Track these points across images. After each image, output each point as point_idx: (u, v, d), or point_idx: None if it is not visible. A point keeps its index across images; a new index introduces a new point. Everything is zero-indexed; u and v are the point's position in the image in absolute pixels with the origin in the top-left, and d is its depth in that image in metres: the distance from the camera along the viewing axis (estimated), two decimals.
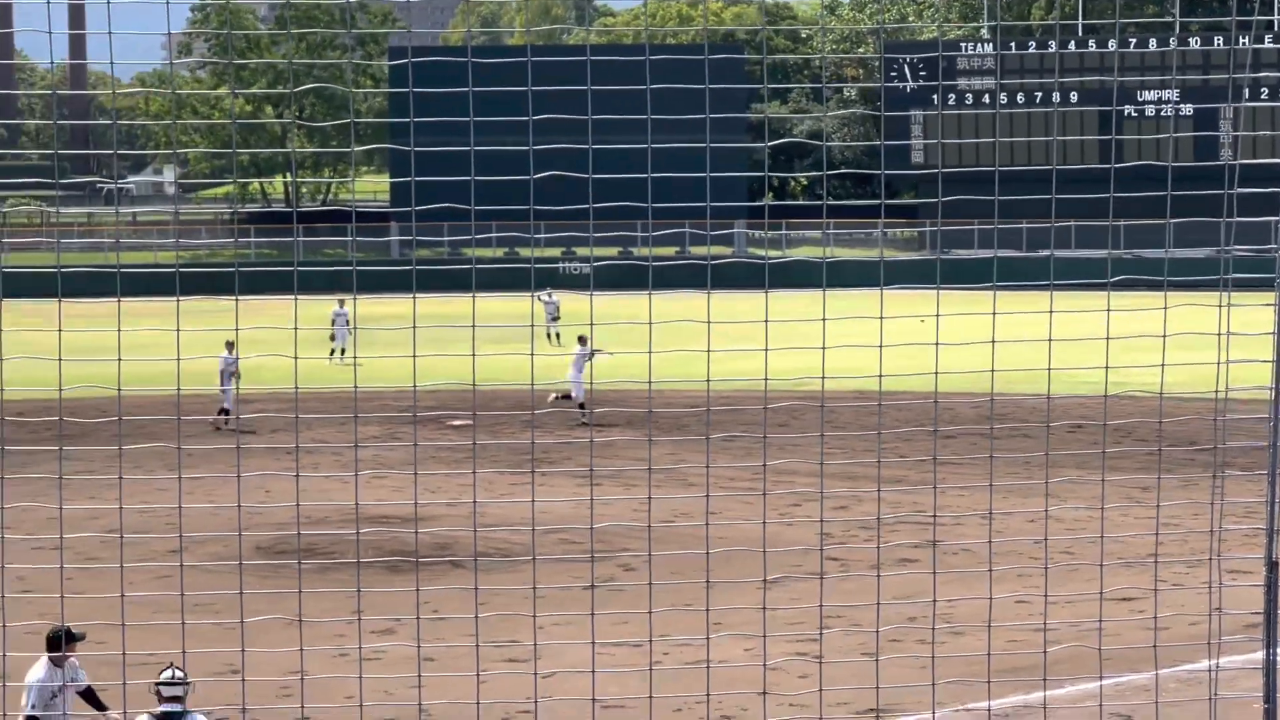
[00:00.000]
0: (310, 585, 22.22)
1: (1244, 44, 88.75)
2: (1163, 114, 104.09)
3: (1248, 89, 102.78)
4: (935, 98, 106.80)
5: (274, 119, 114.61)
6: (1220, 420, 15.65)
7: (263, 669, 15.52)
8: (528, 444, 37.55)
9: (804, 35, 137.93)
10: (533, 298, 41.53)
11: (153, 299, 14.60)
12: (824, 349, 13.18)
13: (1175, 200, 14.08)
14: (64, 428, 15.60)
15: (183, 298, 13.92)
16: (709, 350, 13.27)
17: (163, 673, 15.23)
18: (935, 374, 13.33)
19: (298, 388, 13.89)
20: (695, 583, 15.33)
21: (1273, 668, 14.65)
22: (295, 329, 13.34)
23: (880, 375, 13.85)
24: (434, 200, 15.20)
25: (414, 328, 13.06)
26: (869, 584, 16.32)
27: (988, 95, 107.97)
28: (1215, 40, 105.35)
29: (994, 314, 13.57)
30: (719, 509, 27.45)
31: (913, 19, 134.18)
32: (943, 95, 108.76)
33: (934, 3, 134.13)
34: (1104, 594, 15.29)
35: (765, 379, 13.95)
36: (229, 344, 44.07)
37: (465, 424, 43.34)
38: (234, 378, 44.71)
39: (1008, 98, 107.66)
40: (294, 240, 44.84)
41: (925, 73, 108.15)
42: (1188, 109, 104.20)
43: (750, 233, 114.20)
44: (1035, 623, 18.30)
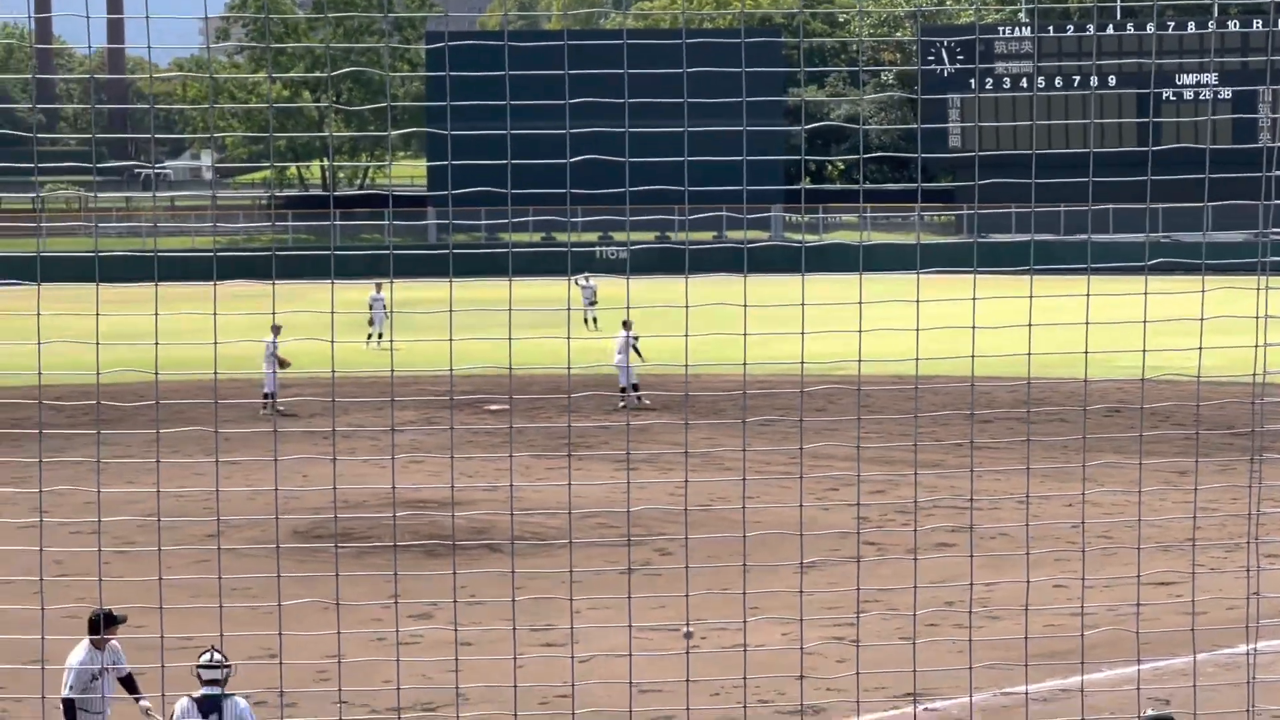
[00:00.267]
0: (347, 569, 22.30)
1: None
2: (1201, 97, 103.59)
3: None
4: (972, 81, 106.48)
5: (311, 103, 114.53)
6: (1258, 404, 15.60)
7: (300, 653, 15.55)
8: (564, 428, 37.56)
9: (841, 19, 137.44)
10: (569, 282, 41.49)
11: (190, 284, 14.66)
12: (860, 333, 13.14)
13: (1213, 183, 13.99)
14: (102, 412, 15.66)
15: (220, 282, 13.94)
16: (745, 334, 13.25)
17: (202, 655, 15.30)
18: (972, 358, 13.29)
19: (335, 372, 13.93)
20: (732, 566, 15.33)
21: None
22: (332, 313, 13.35)
23: (917, 359, 13.83)
24: (471, 185, 15.20)
25: (450, 312, 13.05)
26: (906, 568, 16.30)
27: (1025, 79, 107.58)
28: (1254, 23, 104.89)
29: (1030, 298, 13.52)
30: (755, 493, 27.46)
31: (950, 2, 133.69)
32: (980, 79, 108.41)
33: None
34: (1141, 578, 15.23)
35: (802, 363, 13.93)
36: (275, 328, 42.10)
37: (502, 408, 43.41)
38: (274, 360, 44.77)
39: (1045, 81, 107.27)
40: (331, 225, 44.89)
41: (962, 56, 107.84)
42: (1226, 92, 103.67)
43: (787, 217, 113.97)
44: (1073, 607, 18.28)
